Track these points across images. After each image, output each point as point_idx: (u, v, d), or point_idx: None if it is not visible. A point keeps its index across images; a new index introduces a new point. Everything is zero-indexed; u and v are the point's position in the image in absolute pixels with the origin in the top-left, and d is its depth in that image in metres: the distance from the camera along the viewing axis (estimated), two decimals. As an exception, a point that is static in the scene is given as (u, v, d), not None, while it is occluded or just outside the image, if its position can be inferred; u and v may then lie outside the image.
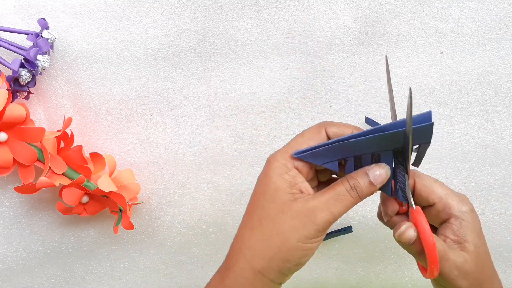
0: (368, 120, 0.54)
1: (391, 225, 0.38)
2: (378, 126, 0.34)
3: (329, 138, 0.36)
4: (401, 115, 0.35)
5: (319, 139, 0.35)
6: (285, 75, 0.54)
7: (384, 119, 0.54)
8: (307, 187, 0.35)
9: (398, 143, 0.33)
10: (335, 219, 0.34)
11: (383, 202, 0.38)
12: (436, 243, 0.34)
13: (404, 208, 0.38)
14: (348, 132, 0.35)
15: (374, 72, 0.54)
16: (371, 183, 0.34)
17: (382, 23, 0.52)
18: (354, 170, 0.35)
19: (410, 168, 0.35)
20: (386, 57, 0.37)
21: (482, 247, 0.36)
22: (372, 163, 0.35)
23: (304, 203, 0.34)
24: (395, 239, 0.36)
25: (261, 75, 0.54)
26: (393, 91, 0.36)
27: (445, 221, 0.37)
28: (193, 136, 0.55)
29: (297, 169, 0.35)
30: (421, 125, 0.32)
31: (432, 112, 0.32)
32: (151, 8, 0.52)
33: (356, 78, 0.54)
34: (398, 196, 0.36)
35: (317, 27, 0.52)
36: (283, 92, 0.54)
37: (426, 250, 0.34)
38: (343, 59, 0.53)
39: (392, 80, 0.54)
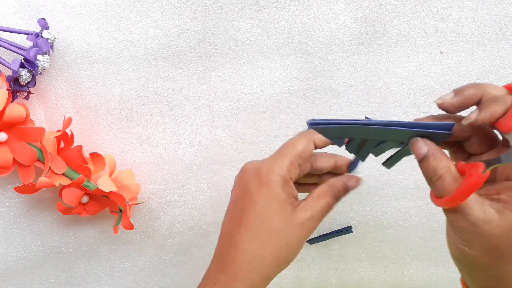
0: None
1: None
2: (397, 122, 0.34)
3: (316, 147, 0.40)
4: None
5: (311, 148, 0.39)
6: (285, 75, 0.54)
7: (385, 119, 0.54)
8: (296, 191, 0.39)
9: (405, 139, 0.34)
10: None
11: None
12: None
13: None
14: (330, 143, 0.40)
15: (374, 72, 0.54)
16: (347, 188, 0.40)
17: (382, 23, 0.52)
18: (356, 151, 0.36)
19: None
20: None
21: None
22: (376, 147, 0.36)
23: (305, 214, 0.37)
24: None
25: (261, 75, 0.54)
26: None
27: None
28: (193, 136, 0.55)
29: (291, 179, 0.38)
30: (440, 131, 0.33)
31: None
32: (151, 8, 0.52)
33: (356, 78, 0.54)
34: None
35: (317, 27, 0.52)
36: (283, 92, 0.54)
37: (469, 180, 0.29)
38: (343, 59, 0.53)
39: (392, 80, 0.54)
